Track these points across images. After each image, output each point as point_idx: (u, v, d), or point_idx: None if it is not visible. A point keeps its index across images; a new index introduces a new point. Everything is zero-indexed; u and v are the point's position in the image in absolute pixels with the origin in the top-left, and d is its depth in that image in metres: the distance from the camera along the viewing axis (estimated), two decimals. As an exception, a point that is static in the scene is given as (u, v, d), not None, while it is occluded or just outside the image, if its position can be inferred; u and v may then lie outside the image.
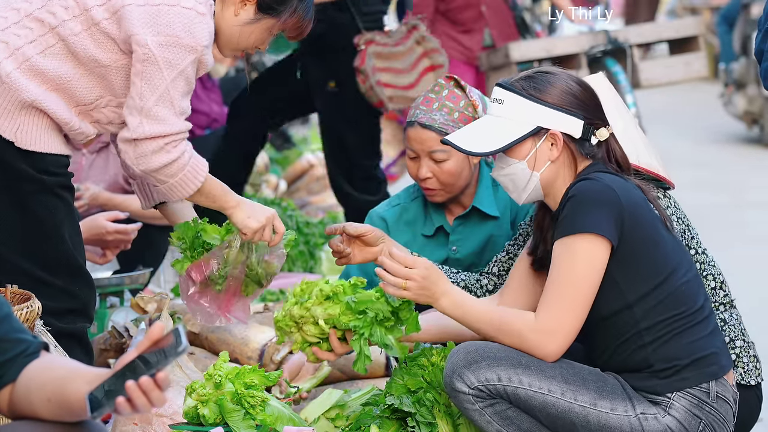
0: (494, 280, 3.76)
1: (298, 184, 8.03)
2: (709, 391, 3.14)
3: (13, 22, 3.38)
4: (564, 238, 3.13)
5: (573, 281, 3.09)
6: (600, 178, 3.17)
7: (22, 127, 3.37)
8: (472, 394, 3.13)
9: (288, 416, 3.34)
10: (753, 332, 3.70)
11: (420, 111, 3.87)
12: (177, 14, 3.32)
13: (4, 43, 3.36)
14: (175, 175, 3.39)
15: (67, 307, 3.49)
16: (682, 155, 10.41)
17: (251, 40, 3.53)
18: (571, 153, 3.26)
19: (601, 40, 7.77)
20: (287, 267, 6.03)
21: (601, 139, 3.26)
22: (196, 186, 3.42)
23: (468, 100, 3.86)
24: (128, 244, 4.35)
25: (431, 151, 3.85)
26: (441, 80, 3.93)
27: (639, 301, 3.14)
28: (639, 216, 3.15)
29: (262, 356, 4.30)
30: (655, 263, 3.16)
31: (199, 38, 3.34)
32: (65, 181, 3.47)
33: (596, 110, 3.28)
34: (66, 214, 3.47)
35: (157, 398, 2.33)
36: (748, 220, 8.27)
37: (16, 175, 3.39)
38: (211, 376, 3.31)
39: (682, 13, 16.26)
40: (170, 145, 3.35)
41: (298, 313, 3.32)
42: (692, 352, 3.15)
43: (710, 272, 3.63)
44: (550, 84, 3.25)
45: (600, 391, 3.12)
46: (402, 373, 3.51)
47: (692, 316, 3.17)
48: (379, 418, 3.46)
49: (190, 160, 3.39)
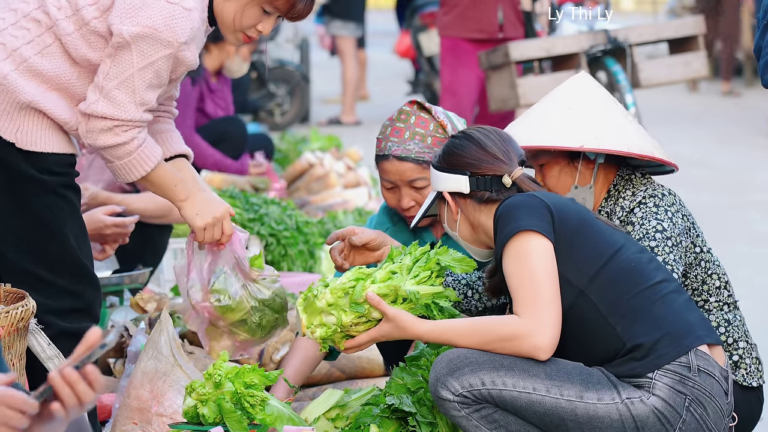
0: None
1: (297, 183, 8.02)
2: (690, 365, 3.11)
3: (11, 24, 3.37)
4: (504, 248, 3.17)
5: (533, 279, 3.11)
6: (519, 194, 3.29)
7: (22, 127, 3.36)
8: (457, 401, 3.13)
9: (288, 416, 3.33)
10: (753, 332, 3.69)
11: (392, 143, 3.83)
12: (160, 8, 3.30)
13: (2, 45, 3.35)
14: (121, 158, 3.38)
15: (70, 307, 3.47)
16: (682, 155, 10.41)
17: (245, 18, 3.48)
18: (477, 204, 3.36)
19: (601, 39, 7.77)
20: (287, 266, 6.02)
21: (506, 185, 3.33)
22: (140, 173, 3.41)
23: (436, 121, 3.84)
24: (126, 238, 4.33)
25: (410, 181, 3.83)
26: (405, 107, 3.88)
27: (588, 285, 3.15)
28: (565, 209, 3.22)
29: (261, 356, 4.29)
30: (594, 246, 3.19)
31: (178, 33, 3.32)
32: (68, 180, 3.45)
33: (489, 160, 3.35)
34: (70, 213, 3.46)
35: (83, 392, 2.28)
36: (748, 220, 8.26)
37: (17, 176, 3.38)
38: (210, 375, 3.30)
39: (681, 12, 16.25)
40: (120, 128, 3.34)
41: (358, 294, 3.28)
42: (663, 326, 3.13)
43: (715, 271, 3.62)
44: (443, 150, 3.43)
45: (585, 383, 3.12)
46: (402, 373, 3.50)
47: (652, 289, 3.16)
48: (378, 417, 3.46)
49: (139, 148, 3.38)
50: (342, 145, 9.38)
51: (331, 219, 6.78)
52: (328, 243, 3.70)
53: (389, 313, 3.23)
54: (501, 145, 3.37)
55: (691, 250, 3.58)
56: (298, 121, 12.58)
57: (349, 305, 3.25)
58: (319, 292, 3.28)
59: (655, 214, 3.53)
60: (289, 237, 6.02)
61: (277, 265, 6.02)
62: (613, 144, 3.57)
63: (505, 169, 3.34)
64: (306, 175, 8.03)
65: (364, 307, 3.24)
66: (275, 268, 5.98)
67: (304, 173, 8.06)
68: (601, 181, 3.67)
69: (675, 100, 14.16)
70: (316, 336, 3.29)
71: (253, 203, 6.13)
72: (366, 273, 3.31)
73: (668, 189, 3.61)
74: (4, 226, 3.42)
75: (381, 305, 3.24)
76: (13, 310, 3.24)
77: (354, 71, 12.98)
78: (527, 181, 3.34)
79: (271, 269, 3.77)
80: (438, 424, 3.38)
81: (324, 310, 3.27)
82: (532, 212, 3.17)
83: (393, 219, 4.00)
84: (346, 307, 3.25)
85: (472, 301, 3.75)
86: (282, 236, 5.99)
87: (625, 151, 3.57)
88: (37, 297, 3.40)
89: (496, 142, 3.38)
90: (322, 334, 3.28)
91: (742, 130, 12.16)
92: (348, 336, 3.29)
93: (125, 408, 3.59)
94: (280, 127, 12.06)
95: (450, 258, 3.30)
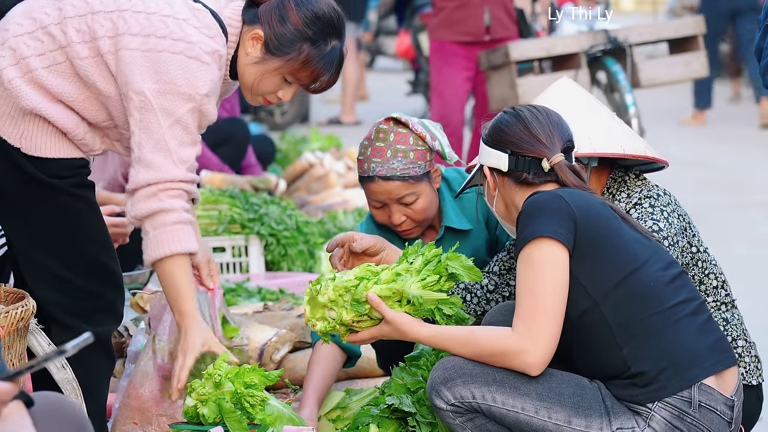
0: (495, 279, 3.75)
1: (297, 183, 8.01)
2: (691, 401, 3.07)
3: (27, 32, 3.32)
4: (520, 252, 3.13)
5: (536, 290, 3.07)
6: (548, 190, 3.22)
7: (26, 133, 3.32)
8: (450, 410, 3.14)
9: (288, 416, 3.33)
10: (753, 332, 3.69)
11: (375, 164, 3.81)
12: (178, 62, 3.25)
13: (12, 50, 3.31)
14: (156, 228, 3.27)
15: (93, 306, 3.43)
16: (682, 155, 10.41)
17: (265, 84, 3.44)
18: (514, 184, 3.33)
19: (601, 39, 7.77)
20: (287, 266, 6.02)
21: (544, 169, 3.28)
22: (165, 251, 3.28)
23: (414, 134, 3.82)
24: (126, 238, 4.33)
25: (399, 198, 3.82)
26: (381, 125, 3.84)
27: (604, 298, 3.10)
28: (590, 214, 3.15)
29: (261, 355, 4.30)
30: (615, 259, 3.13)
31: (198, 86, 3.27)
32: (80, 180, 3.39)
33: (531, 142, 3.30)
34: (87, 212, 3.41)
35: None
36: (749, 221, 8.26)
37: (28, 178, 3.34)
38: (210, 375, 3.30)
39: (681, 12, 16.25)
40: (164, 193, 3.25)
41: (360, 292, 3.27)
42: (671, 354, 3.08)
43: (712, 271, 3.62)
44: (493, 123, 3.38)
45: (576, 407, 3.09)
46: (402, 373, 3.50)
47: (668, 312, 3.11)
48: (378, 417, 3.45)
49: (178, 224, 3.27)
50: (342, 145, 9.37)
51: (331, 219, 6.78)
52: (328, 250, 3.70)
53: (388, 316, 3.23)
54: (548, 128, 3.32)
55: (688, 250, 3.58)
56: (298, 121, 12.57)
57: (350, 303, 3.25)
58: (323, 287, 3.29)
59: (651, 214, 3.53)
60: (289, 237, 6.01)
61: (277, 265, 6.02)
62: (605, 147, 3.56)
63: (546, 153, 3.29)
64: (306, 175, 8.03)
65: (364, 307, 3.24)
66: (275, 268, 6.00)
67: (304, 173, 8.06)
68: (594, 184, 3.66)
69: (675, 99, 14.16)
70: (316, 329, 3.30)
71: (253, 203, 6.12)
72: (373, 271, 3.31)
73: (663, 189, 3.61)
74: (24, 226, 3.38)
75: (380, 307, 3.24)
76: (13, 310, 3.24)
77: (354, 71, 12.97)
78: (566, 169, 3.28)
79: (241, 338, 3.73)
80: (438, 424, 3.38)
81: (326, 305, 3.28)
82: (554, 216, 3.11)
83: (383, 230, 3.97)
84: (347, 305, 3.26)
85: (471, 305, 3.75)
86: (282, 236, 5.99)
87: (620, 153, 3.56)
88: (60, 298, 3.38)
89: (543, 124, 3.32)
90: (322, 328, 3.30)
91: (743, 130, 12.15)
92: (352, 330, 3.30)
93: (125, 408, 3.59)
94: (280, 127, 12.05)
95: (459, 265, 3.28)
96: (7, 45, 3.32)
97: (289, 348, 4.38)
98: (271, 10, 3.41)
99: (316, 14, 3.41)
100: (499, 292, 3.75)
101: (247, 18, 3.43)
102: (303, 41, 3.40)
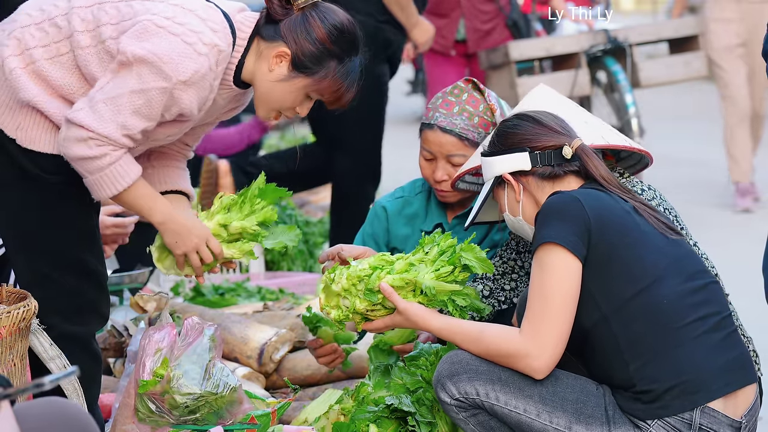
0: (489, 285, 3.75)
1: (297, 183, 8.01)
2: (692, 423, 3.04)
3: (34, 23, 3.33)
4: (534, 254, 3.12)
5: (545, 295, 3.05)
6: (568, 191, 3.18)
7: (22, 125, 3.33)
8: (454, 405, 3.15)
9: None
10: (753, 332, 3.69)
11: (440, 114, 3.86)
12: (172, 42, 3.25)
13: (17, 40, 3.32)
14: (92, 173, 3.29)
15: (75, 305, 3.45)
16: (682, 155, 10.41)
17: (287, 100, 3.41)
18: (541, 180, 3.28)
19: (601, 39, 7.78)
20: (287, 266, 6.03)
21: (567, 156, 3.25)
22: (111, 191, 3.31)
23: (486, 104, 3.87)
24: (126, 238, 4.33)
25: (449, 155, 3.85)
26: (460, 83, 3.91)
27: (614, 313, 3.07)
28: (607, 220, 3.10)
29: (261, 355, 4.31)
30: (630, 272, 3.08)
31: (180, 71, 3.24)
32: (72, 178, 3.38)
33: (547, 133, 3.27)
34: (75, 211, 3.43)
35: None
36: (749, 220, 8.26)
37: (20, 172, 3.36)
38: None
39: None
40: (93, 141, 3.25)
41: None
42: (679, 374, 3.04)
43: (702, 266, 3.60)
44: (495, 135, 3.35)
45: (578, 413, 3.08)
46: (401, 373, 3.50)
47: (683, 330, 3.07)
48: (378, 417, 3.46)
49: (111, 165, 3.28)
50: (342, 145, 9.36)
51: (331, 219, 6.78)
52: (321, 262, 3.72)
53: (399, 306, 3.24)
54: (555, 120, 3.32)
55: None
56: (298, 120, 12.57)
57: (363, 293, 3.27)
58: (337, 276, 3.31)
59: None
60: (289, 237, 6.01)
61: (277, 265, 6.03)
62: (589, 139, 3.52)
63: (564, 140, 3.26)
64: (306, 175, 8.01)
65: (377, 296, 3.26)
66: (275, 268, 6.01)
67: (304, 173, 8.04)
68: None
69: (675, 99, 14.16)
70: (331, 317, 3.33)
71: (253, 203, 6.12)
72: (388, 261, 3.33)
73: (648, 184, 3.59)
74: (14, 220, 3.41)
75: (392, 297, 3.24)
76: (14, 310, 3.23)
77: (354, 71, 12.95)
78: (589, 151, 3.26)
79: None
80: (437, 424, 3.39)
81: (340, 293, 3.30)
82: (567, 221, 3.07)
83: (417, 189, 4.02)
84: (360, 294, 3.27)
85: (475, 302, 3.75)
86: (282, 236, 5.98)
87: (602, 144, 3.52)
88: (44, 295, 3.38)
89: (549, 117, 3.32)
90: (336, 316, 3.33)
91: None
92: (367, 319, 3.32)
93: (125, 408, 3.59)
94: (280, 126, 12.05)
95: (473, 256, 3.28)
96: (14, 35, 3.33)
97: (288, 348, 4.39)
98: (296, 27, 3.37)
99: (339, 29, 3.38)
100: (495, 297, 3.75)
101: (267, 34, 3.39)
102: (330, 58, 3.38)
